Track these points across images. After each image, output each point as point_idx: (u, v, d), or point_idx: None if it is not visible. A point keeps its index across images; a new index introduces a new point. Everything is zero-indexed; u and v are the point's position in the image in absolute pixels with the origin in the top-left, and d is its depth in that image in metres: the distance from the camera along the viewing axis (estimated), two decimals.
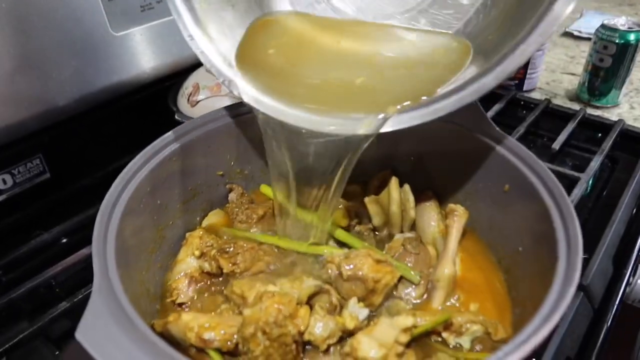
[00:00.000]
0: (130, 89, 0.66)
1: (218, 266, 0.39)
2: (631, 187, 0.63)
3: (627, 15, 0.84)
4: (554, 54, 1.02)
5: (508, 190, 0.40)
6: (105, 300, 0.27)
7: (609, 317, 0.50)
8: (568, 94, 0.88)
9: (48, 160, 0.61)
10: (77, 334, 0.24)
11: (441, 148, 0.45)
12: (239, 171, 0.48)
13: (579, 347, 0.46)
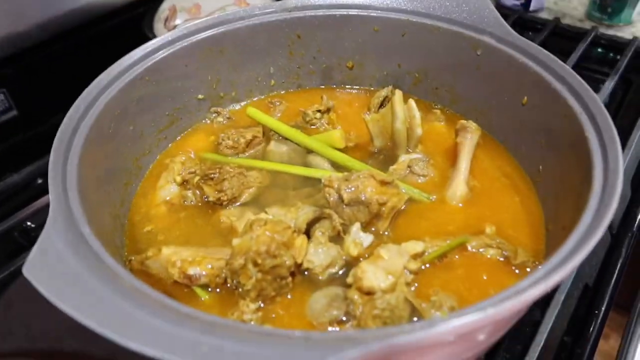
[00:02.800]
0: (101, 14, 0.59)
1: (202, 195, 0.34)
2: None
3: None
4: None
5: (526, 103, 0.36)
6: (62, 232, 0.23)
7: (627, 244, 0.46)
8: (578, 13, 0.82)
9: (13, 96, 0.56)
10: (25, 270, 0.20)
11: (448, 60, 0.40)
12: (222, 95, 0.43)
13: (597, 273, 0.43)
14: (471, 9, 0.39)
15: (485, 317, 0.19)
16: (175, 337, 0.18)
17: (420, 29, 0.40)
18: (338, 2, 0.42)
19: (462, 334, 0.19)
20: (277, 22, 0.42)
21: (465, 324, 0.19)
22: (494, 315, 0.19)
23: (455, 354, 0.25)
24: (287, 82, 0.45)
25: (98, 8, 0.58)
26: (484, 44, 0.38)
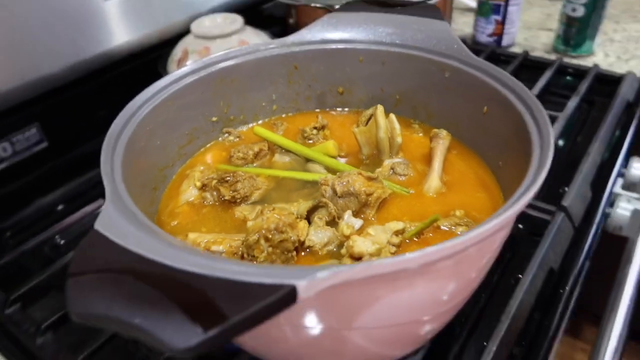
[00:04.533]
0: (122, 57, 0.68)
1: (219, 195, 0.41)
2: (606, 123, 0.66)
3: None
4: (531, 13, 1.05)
5: (487, 112, 0.43)
6: (117, 206, 0.29)
7: (589, 234, 0.53)
8: (545, 47, 0.91)
9: (45, 129, 0.63)
10: (96, 225, 0.26)
11: (422, 82, 0.48)
12: (232, 118, 0.50)
13: (561, 260, 0.49)
14: (438, 39, 0.47)
15: (444, 248, 0.25)
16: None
17: (398, 57, 0.48)
18: (328, 38, 0.50)
19: (426, 263, 0.26)
20: (277, 56, 0.50)
21: (429, 253, 0.25)
22: (452, 247, 0.25)
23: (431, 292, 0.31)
24: (287, 107, 0.53)
25: (119, 52, 0.67)
26: (451, 67, 0.45)
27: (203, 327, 0.20)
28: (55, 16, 0.59)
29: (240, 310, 0.20)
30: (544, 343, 0.43)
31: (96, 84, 0.66)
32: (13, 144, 0.61)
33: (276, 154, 0.47)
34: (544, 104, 0.42)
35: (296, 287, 0.22)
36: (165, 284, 0.22)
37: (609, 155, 0.64)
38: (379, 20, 0.49)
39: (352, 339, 0.32)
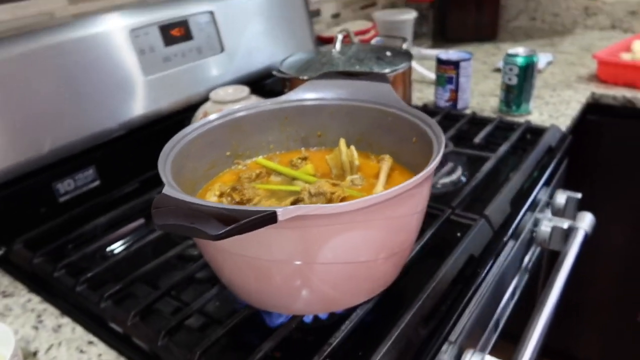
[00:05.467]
0: (158, 118, 0.89)
1: (232, 199, 0.60)
2: (528, 159, 0.85)
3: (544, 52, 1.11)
4: (485, 84, 1.28)
5: (415, 142, 0.63)
6: (170, 187, 0.48)
7: (505, 237, 0.71)
8: (493, 109, 1.13)
9: (98, 170, 0.84)
10: (163, 191, 0.45)
11: (374, 126, 0.68)
12: (241, 153, 0.70)
13: (481, 251, 0.67)
14: (384, 96, 0.67)
15: (381, 196, 0.44)
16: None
17: (356, 109, 0.69)
18: (308, 97, 0.71)
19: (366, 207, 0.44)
20: (272, 110, 0.70)
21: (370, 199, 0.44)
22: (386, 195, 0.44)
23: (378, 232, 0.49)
24: (281, 146, 0.73)
25: (157, 113, 0.88)
26: (392, 114, 0.65)
27: (226, 225, 0.38)
28: (111, 87, 0.82)
29: (246, 218, 0.39)
30: (459, 305, 0.59)
31: (139, 137, 0.87)
32: (75, 181, 0.81)
33: (272, 176, 0.66)
34: (484, 149, 0.61)
35: (276, 212, 0.40)
36: (204, 210, 0.41)
37: (531, 184, 0.83)
38: (343, 85, 0.70)
39: (313, 275, 0.50)
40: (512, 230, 0.72)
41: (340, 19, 1.48)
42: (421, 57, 1.47)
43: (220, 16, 1.00)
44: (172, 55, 0.91)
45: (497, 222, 0.72)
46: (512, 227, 0.73)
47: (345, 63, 0.95)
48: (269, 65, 1.09)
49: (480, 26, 1.64)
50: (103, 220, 0.78)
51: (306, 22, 1.20)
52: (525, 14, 1.77)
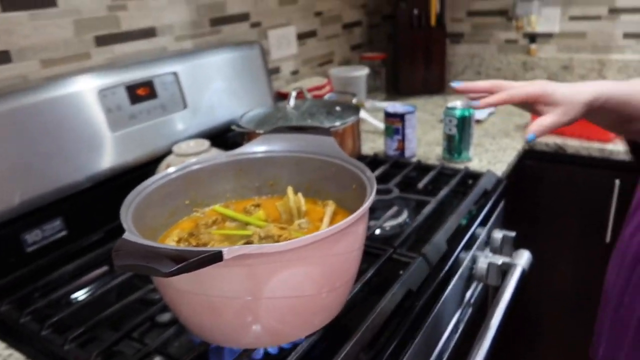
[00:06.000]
0: (124, 170, 0.95)
1: (189, 244, 0.66)
2: (465, 202, 0.94)
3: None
4: (432, 134, 1.39)
5: (355, 188, 0.70)
6: (131, 233, 0.54)
7: (441, 273, 0.78)
8: (437, 156, 1.23)
9: (65, 221, 0.88)
10: (123, 237, 0.51)
11: (319, 175, 0.76)
12: (199, 202, 0.77)
13: (418, 287, 0.74)
14: (327, 148, 0.75)
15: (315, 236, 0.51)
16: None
17: (304, 160, 0.76)
18: (261, 150, 0.78)
19: (291, 249, 0.51)
20: (228, 162, 0.78)
21: (294, 242, 0.50)
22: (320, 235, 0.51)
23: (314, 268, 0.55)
24: (236, 195, 0.79)
25: (122, 167, 0.94)
26: (335, 164, 0.73)
27: (177, 264, 0.44)
28: (78, 142, 0.88)
29: (195, 256, 0.45)
30: (397, 336, 0.66)
31: (106, 189, 0.93)
32: (43, 231, 0.85)
33: (227, 222, 0.73)
34: (426, 194, 0.69)
35: (222, 251, 0.47)
36: (158, 251, 0.47)
37: (467, 224, 0.91)
38: (292, 138, 0.78)
39: (261, 309, 0.56)
40: (448, 266, 0.80)
41: (299, 75, 1.59)
42: (375, 109, 1.58)
43: (184, 76, 1.09)
44: (137, 113, 0.98)
45: (434, 260, 0.79)
46: (448, 264, 0.80)
47: (298, 118, 1.04)
48: (230, 119, 1.17)
49: (429, 80, 1.78)
50: (69, 269, 0.82)
51: (265, 79, 1.30)
52: (471, 69, 1.93)
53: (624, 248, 0.57)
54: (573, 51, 1.75)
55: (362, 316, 0.66)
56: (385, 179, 1.06)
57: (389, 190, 0.99)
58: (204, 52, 1.16)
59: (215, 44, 1.25)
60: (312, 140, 0.78)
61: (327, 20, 1.69)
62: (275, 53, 1.47)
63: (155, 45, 1.14)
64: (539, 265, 1.07)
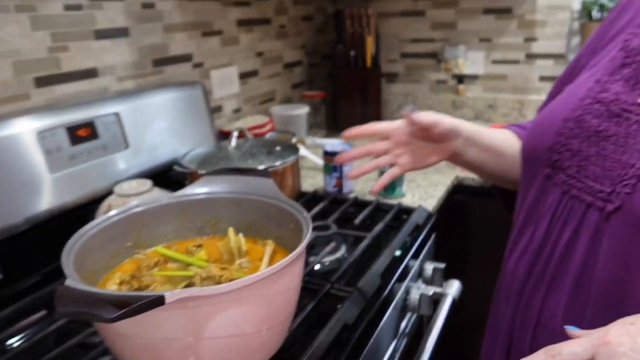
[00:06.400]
0: (63, 212, 0.95)
1: (131, 287, 0.67)
2: (397, 237, 1.01)
3: None
4: None
5: (293, 228, 0.75)
6: (73, 280, 0.56)
7: (376, 306, 0.83)
8: None
9: (2, 264, 0.87)
10: (65, 283, 0.52)
11: (259, 215, 0.79)
12: (142, 243, 0.78)
13: (354, 320, 0.78)
14: (267, 189, 0.79)
15: (253, 277, 0.54)
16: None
17: (245, 201, 0.80)
18: (203, 191, 0.81)
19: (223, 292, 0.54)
20: (171, 204, 0.80)
21: (226, 286, 0.54)
22: (257, 277, 0.54)
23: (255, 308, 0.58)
24: (178, 236, 0.81)
25: (59, 209, 0.94)
26: (274, 205, 0.77)
27: (120, 309, 0.47)
28: (17, 184, 0.87)
29: (137, 301, 0.47)
30: None
31: (44, 231, 0.92)
32: None
33: (169, 263, 0.75)
34: (363, 229, 0.74)
35: (164, 295, 0.49)
36: (100, 297, 0.49)
37: (400, 257, 0.97)
38: (233, 180, 0.82)
39: (204, 350, 0.58)
40: (383, 299, 0.85)
41: (241, 113, 1.63)
42: (315, 145, 1.64)
43: (126, 116, 1.10)
44: (78, 154, 0.99)
45: (369, 293, 0.84)
46: (382, 296, 0.85)
47: (239, 158, 1.08)
48: (173, 158, 1.19)
49: (366, 118, 1.87)
50: (4, 314, 0.81)
51: (207, 118, 1.33)
52: (405, 107, 2.04)
53: (510, 276, 0.64)
54: (496, 91, 1.90)
55: (301, 351, 0.69)
56: (325, 215, 1.10)
57: (327, 227, 1.04)
58: (147, 92, 1.18)
59: (158, 84, 1.28)
60: (252, 181, 0.81)
61: (269, 60, 1.75)
62: (217, 92, 1.51)
63: (97, 85, 1.15)
64: (470, 293, 1.15)
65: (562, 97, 0.63)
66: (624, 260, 0.49)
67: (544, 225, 0.58)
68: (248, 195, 0.80)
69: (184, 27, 1.36)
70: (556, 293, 0.56)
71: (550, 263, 0.56)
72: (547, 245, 0.58)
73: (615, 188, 0.51)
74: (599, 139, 0.54)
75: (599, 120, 0.55)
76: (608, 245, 0.51)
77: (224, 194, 0.82)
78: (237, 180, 0.82)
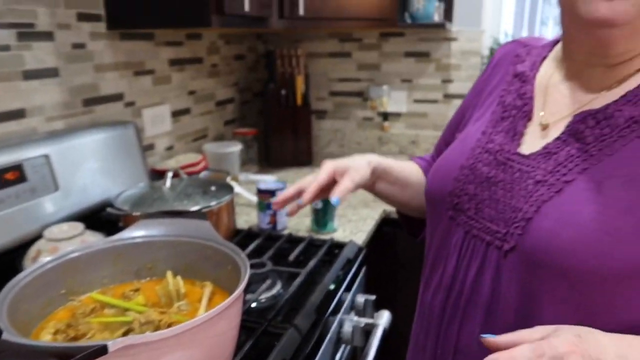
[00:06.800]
0: None
1: (67, 336, 0.67)
2: (330, 272, 1.05)
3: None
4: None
5: (230, 269, 0.77)
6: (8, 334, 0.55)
7: (312, 341, 0.87)
8: (307, 228, 1.34)
9: None
10: (2, 337, 0.52)
11: (197, 257, 0.82)
12: (76, 290, 0.78)
13: (291, 357, 0.81)
14: (203, 231, 0.82)
15: (192, 322, 0.56)
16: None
17: (182, 243, 0.82)
18: (139, 235, 0.82)
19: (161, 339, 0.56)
20: (106, 249, 0.80)
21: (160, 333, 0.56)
22: (195, 322, 0.56)
23: None
24: (114, 280, 0.82)
25: None
26: (210, 247, 0.80)
27: None
28: None
29: (80, 352, 0.49)
30: None
31: None
32: None
33: (106, 309, 0.75)
34: (297, 265, 0.77)
35: (107, 345, 0.51)
36: (42, 350, 0.49)
37: (333, 291, 1.02)
38: (170, 222, 0.84)
39: None
40: (318, 333, 0.89)
41: (173, 151, 1.64)
42: (249, 181, 1.67)
43: (56, 157, 1.09)
44: (5, 197, 0.96)
45: (305, 328, 0.88)
46: (317, 331, 0.89)
47: (175, 199, 1.09)
48: (105, 199, 1.18)
49: (298, 153, 1.93)
50: None
51: (140, 157, 1.33)
52: (335, 142, 2.13)
53: (428, 309, 0.70)
54: (418, 128, 2.03)
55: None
56: (260, 253, 1.13)
57: (263, 264, 1.07)
58: (77, 132, 1.17)
59: (88, 124, 1.27)
60: (188, 224, 0.84)
61: (201, 98, 1.78)
62: (149, 130, 1.51)
63: (25, 126, 1.13)
64: (399, 322, 1.21)
65: (457, 145, 0.71)
66: (523, 292, 0.57)
67: (452, 263, 0.65)
68: (185, 237, 0.82)
69: (116, 66, 1.36)
70: (470, 323, 0.62)
71: (461, 298, 0.63)
72: (457, 281, 0.65)
73: (509, 229, 0.58)
74: (490, 184, 0.62)
75: (489, 168, 0.63)
76: (508, 279, 0.58)
77: (160, 237, 0.83)
78: (173, 223, 0.84)
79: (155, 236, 0.83)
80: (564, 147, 0.58)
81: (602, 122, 0.56)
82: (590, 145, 0.56)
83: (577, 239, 0.52)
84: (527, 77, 0.68)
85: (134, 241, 0.82)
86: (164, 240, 0.83)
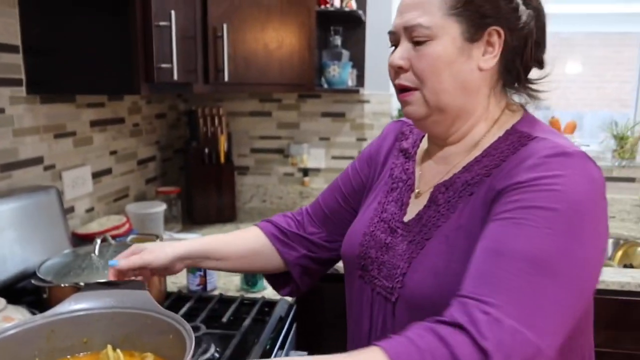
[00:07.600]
0: None
1: None
2: (265, 331, 1.08)
3: None
4: None
5: (172, 338, 0.79)
6: None
7: None
8: (237, 287, 1.36)
9: None
10: None
11: (137, 327, 0.82)
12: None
13: None
14: (142, 301, 0.82)
15: None
16: None
17: (120, 314, 0.82)
18: (74, 309, 0.81)
19: None
20: (39, 325, 0.78)
21: None
22: None
23: None
24: (46, 357, 0.80)
25: None
26: (150, 316, 0.80)
27: None
28: None
29: None
30: None
31: None
32: None
33: None
34: (231, 326, 0.79)
35: None
36: None
37: (269, 351, 1.05)
38: (107, 294, 0.84)
39: None
40: None
41: (94, 212, 1.60)
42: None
43: None
44: None
45: None
46: None
47: (105, 267, 1.08)
48: (24, 269, 1.13)
49: (221, 209, 1.95)
50: None
51: (62, 223, 1.30)
52: (257, 197, 2.18)
53: None
54: None
55: None
56: (192, 315, 1.14)
57: (197, 328, 1.08)
58: None
59: (5, 190, 1.22)
60: (127, 294, 0.84)
61: (123, 157, 1.76)
62: (69, 193, 1.47)
63: None
64: None
65: (362, 215, 0.83)
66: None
67: (367, 318, 0.77)
68: (123, 308, 0.83)
69: (36, 130, 1.34)
70: None
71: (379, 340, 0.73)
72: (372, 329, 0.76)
73: (393, 284, 0.72)
74: (387, 249, 0.75)
75: (385, 234, 0.77)
76: (400, 323, 0.68)
77: (97, 309, 0.82)
78: (110, 294, 0.84)
79: (92, 309, 0.82)
80: (427, 212, 0.73)
81: (449, 188, 0.72)
82: (441, 207, 0.72)
83: (435, 284, 0.67)
84: (409, 154, 0.83)
85: (71, 315, 0.81)
86: (102, 312, 0.82)
